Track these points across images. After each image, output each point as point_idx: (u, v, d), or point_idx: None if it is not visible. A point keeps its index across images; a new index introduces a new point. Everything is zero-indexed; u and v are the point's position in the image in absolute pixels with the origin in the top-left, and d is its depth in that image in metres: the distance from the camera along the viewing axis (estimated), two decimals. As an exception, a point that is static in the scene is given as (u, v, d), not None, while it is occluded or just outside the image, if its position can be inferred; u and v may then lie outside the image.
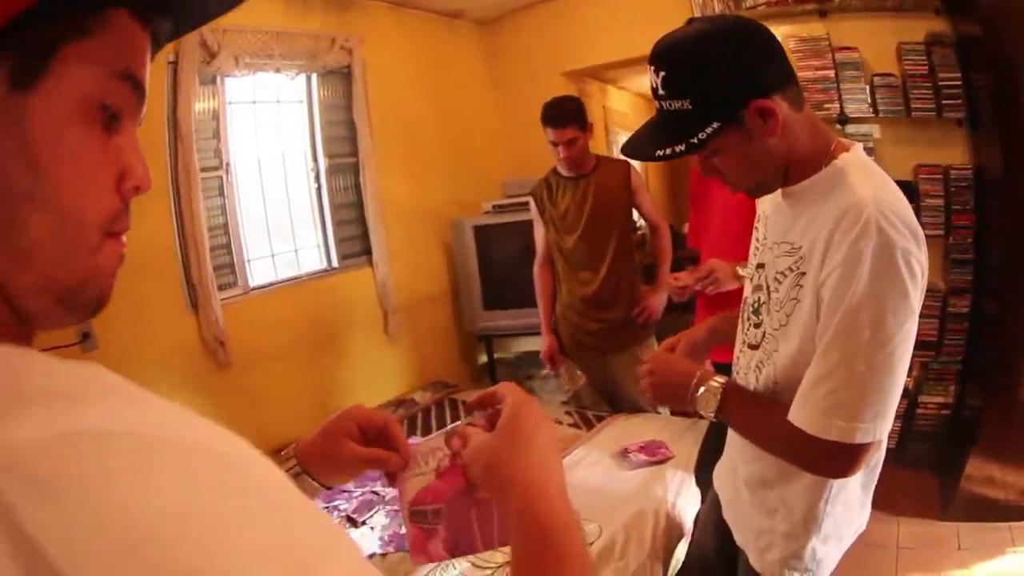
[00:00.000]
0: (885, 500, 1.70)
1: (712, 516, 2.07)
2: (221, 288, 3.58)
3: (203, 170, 3.44)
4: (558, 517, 0.77)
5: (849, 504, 1.63)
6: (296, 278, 4.21)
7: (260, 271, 3.99)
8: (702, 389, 1.54)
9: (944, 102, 3.66)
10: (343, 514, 3.04)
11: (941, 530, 3.29)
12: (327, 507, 3.09)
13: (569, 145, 3.44)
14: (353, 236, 4.51)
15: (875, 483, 1.66)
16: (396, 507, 2.96)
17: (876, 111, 3.81)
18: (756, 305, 1.61)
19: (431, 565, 2.53)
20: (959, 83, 3.62)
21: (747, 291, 1.70)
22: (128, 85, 0.53)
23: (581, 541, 0.77)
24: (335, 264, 4.42)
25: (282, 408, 3.94)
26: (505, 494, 0.81)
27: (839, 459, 1.38)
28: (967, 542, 3.18)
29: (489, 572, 2.52)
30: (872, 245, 1.26)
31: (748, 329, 1.65)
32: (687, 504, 2.92)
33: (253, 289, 3.88)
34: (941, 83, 3.65)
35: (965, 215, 3.70)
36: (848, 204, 1.31)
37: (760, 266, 1.61)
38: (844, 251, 1.28)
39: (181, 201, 3.33)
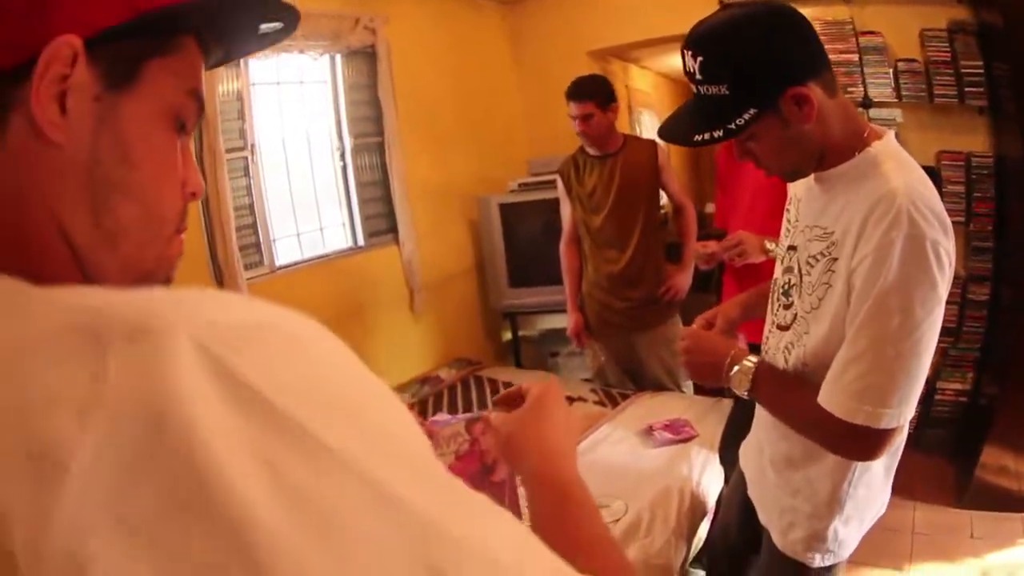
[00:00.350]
0: (902, 485, 1.74)
1: (736, 495, 2.10)
2: (247, 268, 3.58)
3: (228, 151, 3.44)
4: (574, 475, 0.86)
5: (871, 487, 1.66)
6: (322, 257, 4.21)
7: (286, 250, 3.99)
8: (736, 368, 1.58)
9: (966, 89, 3.64)
10: None
11: (955, 518, 3.32)
12: None
13: (585, 120, 3.46)
14: (379, 214, 4.51)
15: (896, 467, 1.69)
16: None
17: (899, 96, 3.79)
18: (787, 287, 1.64)
19: None
20: (981, 71, 3.60)
21: (777, 271, 1.72)
22: (194, 101, 0.60)
23: (593, 499, 0.82)
24: (361, 243, 4.42)
25: None
26: (523, 458, 0.90)
27: (864, 442, 1.41)
28: (980, 531, 3.20)
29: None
30: (903, 235, 1.28)
31: (778, 310, 1.68)
32: (711, 483, 2.96)
33: (279, 268, 3.88)
34: (963, 70, 3.63)
35: (986, 203, 3.69)
36: (881, 193, 1.33)
37: (792, 248, 1.64)
38: (876, 240, 1.31)
39: (207, 182, 3.27)
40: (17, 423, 0.38)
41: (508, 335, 5.24)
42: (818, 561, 1.70)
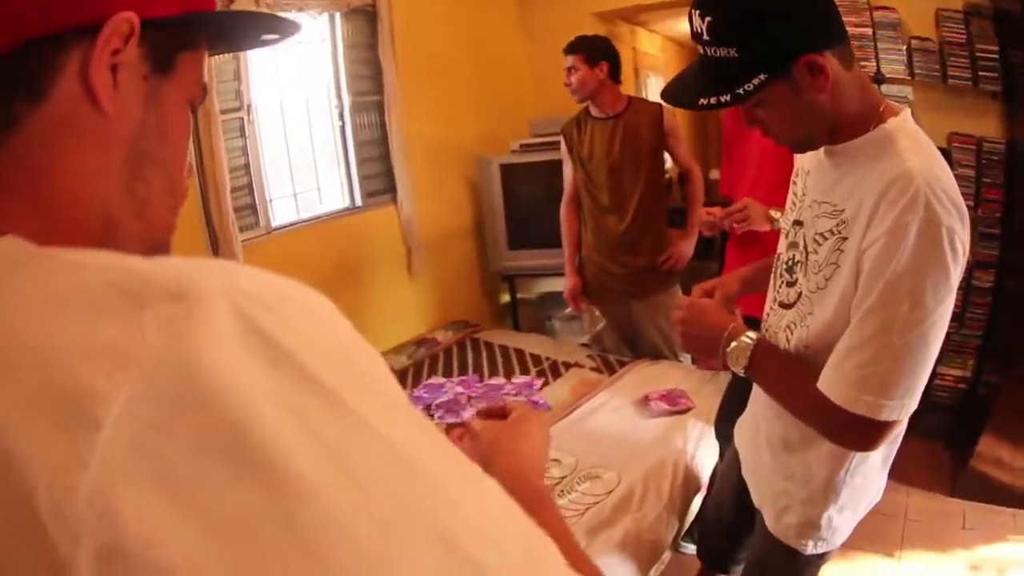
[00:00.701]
0: (898, 470, 1.71)
1: (731, 473, 2.08)
2: (242, 229, 3.55)
3: (224, 112, 3.39)
4: (545, 489, 0.92)
5: (868, 476, 1.64)
6: (318, 217, 4.17)
7: (282, 211, 3.96)
8: (733, 344, 1.53)
9: (980, 73, 3.57)
10: None
11: (949, 506, 3.31)
12: None
13: (568, 72, 3.43)
14: (377, 174, 4.45)
15: (894, 456, 1.66)
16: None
17: (912, 74, 3.72)
18: (791, 263, 1.58)
19: None
20: (996, 56, 3.52)
21: (781, 246, 1.65)
22: (202, 90, 0.65)
23: (560, 519, 0.86)
24: (359, 203, 4.37)
25: None
26: (496, 465, 0.91)
27: (862, 433, 1.38)
28: (972, 522, 3.19)
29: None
30: (919, 220, 1.23)
31: (781, 287, 1.62)
32: (705, 457, 2.93)
33: (275, 229, 3.84)
34: (978, 54, 3.56)
35: (995, 189, 3.63)
36: (897, 173, 1.28)
37: (797, 223, 1.58)
38: (890, 222, 1.26)
39: (201, 144, 3.28)
40: (48, 367, 0.39)
41: (506, 298, 5.22)
42: (810, 548, 1.68)
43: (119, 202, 0.56)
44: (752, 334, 1.53)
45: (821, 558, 1.73)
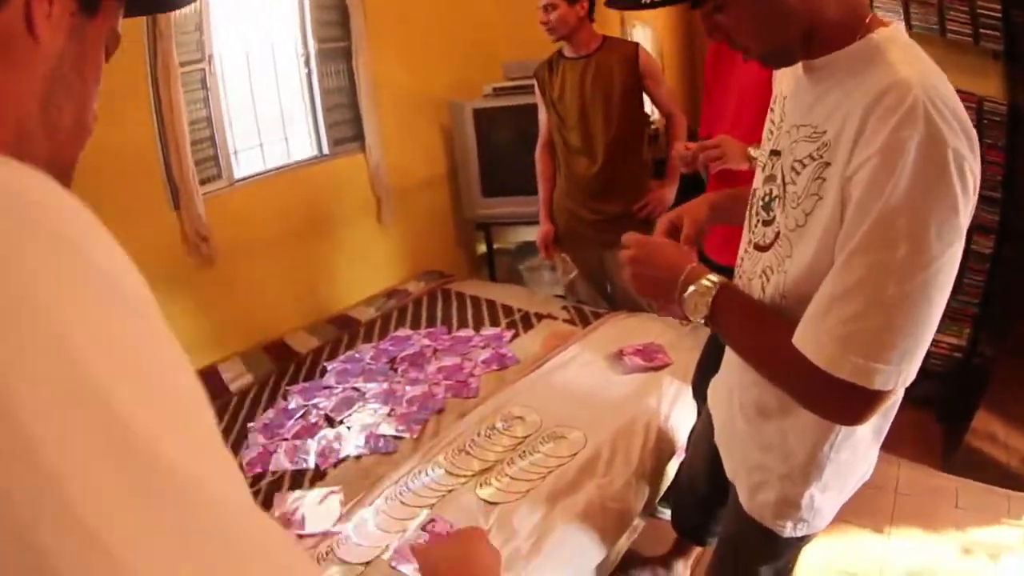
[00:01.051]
0: (889, 440, 1.48)
1: (703, 440, 1.94)
2: (205, 182, 3.49)
3: (183, 64, 3.30)
4: None
5: (857, 451, 1.44)
6: (283, 167, 4.07)
7: (248, 162, 3.87)
8: (691, 288, 1.29)
9: (982, 31, 3.38)
10: (322, 412, 3.03)
11: (941, 482, 3.19)
12: (307, 405, 3.11)
13: (547, 10, 3.28)
14: (345, 121, 4.33)
15: (888, 429, 1.47)
16: (376, 406, 2.98)
17: (909, 25, 3.51)
18: (767, 199, 1.35)
19: (405, 469, 2.54)
20: (999, 14, 3.33)
21: (757, 181, 1.43)
22: (117, 39, 0.69)
23: None
24: (326, 151, 4.26)
25: (270, 303, 3.94)
26: None
27: (847, 403, 1.15)
28: (964, 501, 3.08)
29: (463, 480, 2.48)
30: (918, 137, 1.01)
31: (756, 226, 1.39)
32: (681, 418, 2.79)
33: (238, 181, 3.76)
34: (979, 10, 3.37)
35: (996, 151, 3.46)
36: (888, 83, 1.06)
37: (775, 153, 1.34)
38: (882, 139, 1.03)
39: (161, 98, 3.21)
40: None
41: (482, 248, 5.12)
42: (788, 530, 1.52)
43: (34, 120, 0.59)
44: (714, 277, 1.30)
45: (801, 540, 1.58)
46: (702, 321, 1.31)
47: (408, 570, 2.07)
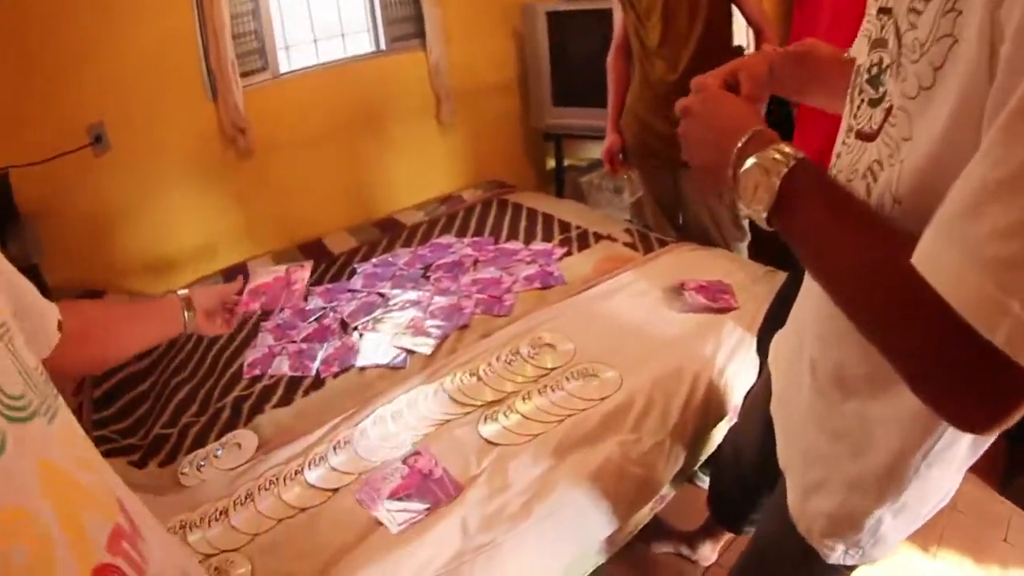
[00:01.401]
0: None
1: (760, 404, 1.45)
2: (248, 74, 3.40)
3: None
4: None
5: (950, 467, 1.00)
6: (335, 62, 3.82)
7: (300, 58, 3.71)
8: (750, 161, 0.83)
9: None
10: (338, 316, 2.82)
11: (995, 508, 2.64)
12: (324, 308, 2.91)
13: None
14: (406, 17, 4.00)
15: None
16: (397, 315, 2.76)
17: None
18: (876, 70, 0.86)
19: (405, 388, 2.29)
20: None
21: (860, 54, 0.93)
22: None
23: None
24: (383, 46, 3.96)
25: (312, 202, 3.77)
26: None
27: (990, 388, 0.60)
28: (1015, 537, 2.53)
29: (468, 410, 2.16)
30: None
31: (860, 108, 0.90)
32: (740, 374, 2.28)
33: (284, 74, 3.60)
34: None
35: None
36: None
37: (883, 12, 0.85)
38: None
39: None
40: None
41: (552, 162, 4.73)
42: (836, 555, 1.12)
43: None
44: (788, 147, 0.81)
45: (847, 570, 1.17)
46: (764, 215, 0.81)
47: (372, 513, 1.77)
